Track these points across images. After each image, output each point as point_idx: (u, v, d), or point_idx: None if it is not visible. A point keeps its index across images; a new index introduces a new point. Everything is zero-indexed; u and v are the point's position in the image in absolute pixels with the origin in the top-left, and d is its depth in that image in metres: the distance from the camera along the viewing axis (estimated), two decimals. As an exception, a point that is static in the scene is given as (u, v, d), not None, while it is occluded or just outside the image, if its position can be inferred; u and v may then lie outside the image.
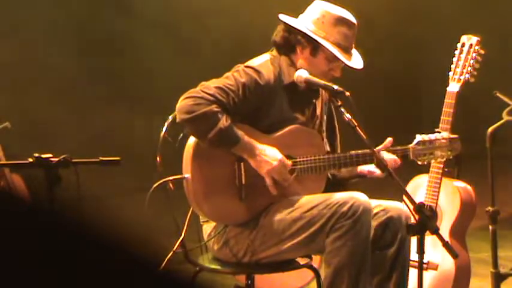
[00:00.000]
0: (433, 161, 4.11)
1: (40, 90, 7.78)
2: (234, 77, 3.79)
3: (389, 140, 3.90)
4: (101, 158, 3.47)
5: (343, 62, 3.86)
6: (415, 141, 3.94)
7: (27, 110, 7.63)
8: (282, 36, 3.93)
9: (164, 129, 4.00)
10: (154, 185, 3.80)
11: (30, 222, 1.77)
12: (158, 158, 3.97)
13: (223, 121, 3.70)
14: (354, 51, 3.96)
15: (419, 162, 3.97)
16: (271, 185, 3.80)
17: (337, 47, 3.87)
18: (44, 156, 3.36)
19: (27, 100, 7.70)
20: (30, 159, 3.36)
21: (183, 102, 3.72)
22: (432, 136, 3.99)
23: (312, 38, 3.87)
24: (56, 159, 3.35)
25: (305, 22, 3.92)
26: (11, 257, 1.70)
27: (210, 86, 3.75)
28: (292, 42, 3.91)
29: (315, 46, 3.89)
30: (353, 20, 3.92)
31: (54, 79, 7.88)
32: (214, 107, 3.70)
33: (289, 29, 3.92)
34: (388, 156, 3.88)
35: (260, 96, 3.81)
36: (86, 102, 8.00)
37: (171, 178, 3.83)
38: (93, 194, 3.70)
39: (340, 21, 3.89)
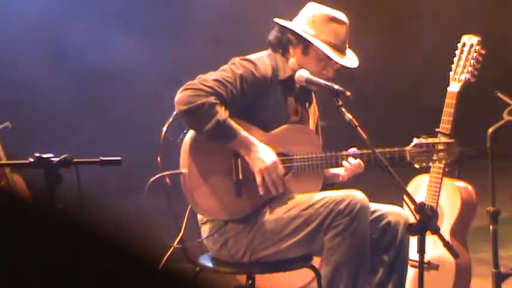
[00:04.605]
0: (431, 164, 4.13)
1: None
2: (231, 69, 3.82)
3: (353, 149, 3.91)
4: (101, 158, 3.46)
5: (333, 59, 3.87)
6: (412, 143, 3.95)
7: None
8: (274, 36, 3.96)
9: (165, 128, 4.00)
10: (151, 179, 3.81)
11: (30, 221, 1.77)
12: (159, 158, 3.97)
13: (221, 113, 3.72)
14: (349, 52, 3.96)
15: (417, 166, 3.99)
16: (260, 183, 3.80)
17: (328, 45, 3.88)
18: (44, 156, 3.35)
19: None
20: (31, 159, 3.36)
21: (181, 94, 3.74)
22: (430, 140, 4.00)
23: (302, 36, 3.89)
24: (57, 159, 3.35)
25: (297, 23, 3.94)
26: (12, 256, 1.70)
27: (208, 78, 3.77)
28: (285, 42, 3.93)
29: (305, 45, 3.90)
30: (344, 19, 3.93)
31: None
32: (212, 99, 3.71)
33: (282, 29, 3.95)
34: (353, 161, 3.89)
35: (257, 88, 3.83)
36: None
37: (168, 173, 3.84)
38: (94, 193, 3.69)
39: (331, 19, 3.91)
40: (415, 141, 3.97)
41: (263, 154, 3.78)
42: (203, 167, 3.80)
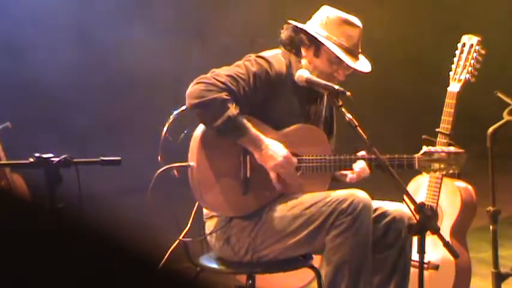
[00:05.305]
0: (439, 173, 4.12)
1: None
2: (245, 66, 3.82)
3: (362, 153, 3.91)
4: (101, 158, 3.46)
5: (344, 62, 3.87)
6: (421, 151, 3.95)
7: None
8: (287, 35, 3.96)
9: (165, 129, 4.00)
10: (159, 171, 3.80)
11: (30, 221, 1.77)
12: (160, 158, 3.97)
13: (232, 110, 3.72)
14: (362, 57, 3.96)
15: (425, 174, 3.99)
16: (275, 180, 3.81)
17: (340, 47, 3.88)
18: (44, 156, 3.35)
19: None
20: (31, 159, 3.36)
21: (193, 88, 3.74)
22: (439, 149, 4.00)
23: (314, 37, 3.89)
24: (57, 159, 3.35)
25: (310, 25, 3.95)
26: (12, 256, 1.70)
27: (221, 73, 3.77)
28: (297, 43, 3.93)
29: (317, 47, 3.90)
30: (358, 22, 3.93)
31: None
32: (224, 95, 3.72)
33: (295, 29, 3.95)
34: (360, 165, 3.89)
35: (270, 87, 3.83)
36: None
37: (175, 165, 3.83)
38: (94, 193, 3.69)
39: (344, 22, 3.91)
40: (425, 148, 3.96)
41: (273, 150, 3.78)
42: (212, 161, 3.81)
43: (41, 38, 7.85)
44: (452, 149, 4.03)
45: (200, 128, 3.82)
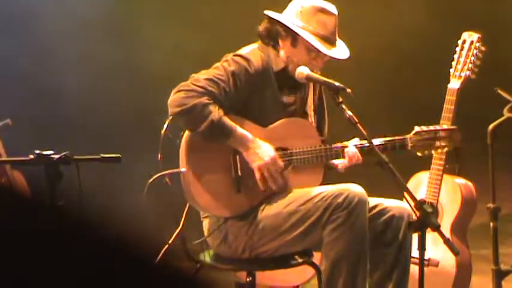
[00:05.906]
0: (433, 152, 4.12)
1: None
2: (224, 67, 3.81)
3: (356, 139, 3.91)
4: (101, 155, 3.47)
5: (320, 51, 3.85)
6: (413, 131, 3.96)
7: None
8: (264, 27, 3.95)
9: (165, 127, 4.00)
10: (151, 179, 3.81)
11: (30, 219, 1.77)
12: (159, 156, 3.98)
13: (215, 113, 3.72)
14: (340, 43, 3.95)
15: (419, 154, 3.99)
16: (259, 179, 3.81)
17: (316, 36, 3.86)
18: (45, 152, 3.36)
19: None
20: (31, 156, 3.36)
21: (174, 96, 3.75)
22: (431, 127, 4.01)
23: (290, 28, 3.88)
24: (57, 156, 3.35)
25: (286, 15, 3.93)
26: (11, 254, 1.70)
27: (200, 78, 3.77)
28: (274, 34, 3.92)
29: (294, 37, 3.89)
30: (333, 10, 3.91)
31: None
32: (205, 99, 3.71)
33: (271, 21, 3.94)
34: (352, 150, 3.89)
35: (251, 84, 3.83)
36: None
37: (167, 172, 3.84)
38: (95, 190, 3.69)
39: (319, 10, 3.89)
40: (417, 128, 3.97)
41: (261, 150, 3.79)
42: (202, 164, 3.81)
43: (54, 31, 7.82)
44: (444, 126, 4.06)
45: (187, 133, 3.82)
